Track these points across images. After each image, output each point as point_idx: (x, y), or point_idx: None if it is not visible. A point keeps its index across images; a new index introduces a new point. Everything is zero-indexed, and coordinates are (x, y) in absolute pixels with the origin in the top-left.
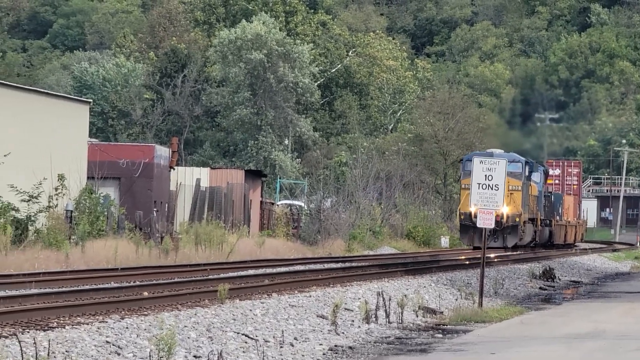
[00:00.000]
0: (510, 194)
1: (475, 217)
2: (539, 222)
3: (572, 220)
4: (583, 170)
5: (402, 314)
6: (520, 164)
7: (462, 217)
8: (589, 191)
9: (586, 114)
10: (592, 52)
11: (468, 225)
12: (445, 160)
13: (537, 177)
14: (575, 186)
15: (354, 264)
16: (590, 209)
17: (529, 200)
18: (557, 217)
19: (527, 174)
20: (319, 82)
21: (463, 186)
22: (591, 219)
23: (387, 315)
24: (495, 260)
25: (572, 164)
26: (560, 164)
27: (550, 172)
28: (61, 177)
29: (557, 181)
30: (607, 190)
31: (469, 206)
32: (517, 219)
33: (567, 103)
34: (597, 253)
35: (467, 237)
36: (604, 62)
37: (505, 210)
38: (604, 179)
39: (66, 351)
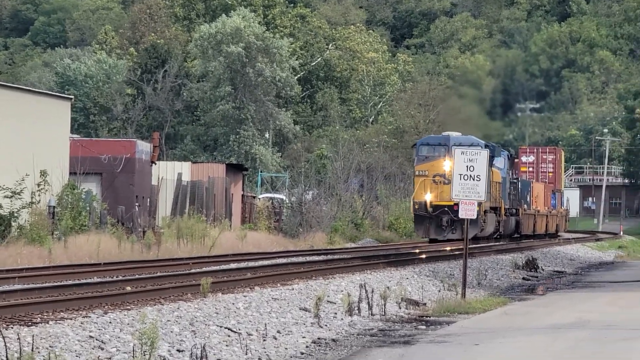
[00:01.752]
0: None
1: (431, 206)
2: (503, 212)
3: (543, 209)
4: (565, 160)
5: (384, 305)
6: (479, 147)
7: (416, 206)
8: (571, 180)
9: (567, 104)
10: (573, 41)
11: (423, 216)
12: None
13: (500, 162)
14: (550, 174)
15: (336, 257)
16: (572, 198)
17: (491, 188)
18: (525, 206)
19: None
20: (299, 75)
21: (417, 173)
22: (574, 209)
23: (370, 308)
24: (477, 251)
25: (547, 150)
26: (535, 150)
27: (524, 159)
28: (43, 173)
29: (531, 168)
30: (589, 180)
31: (424, 195)
32: (477, 208)
33: (548, 93)
34: (580, 243)
35: (422, 229)
36: (584, 52)
37: None
38: (586, 169)
39: (50, 346)
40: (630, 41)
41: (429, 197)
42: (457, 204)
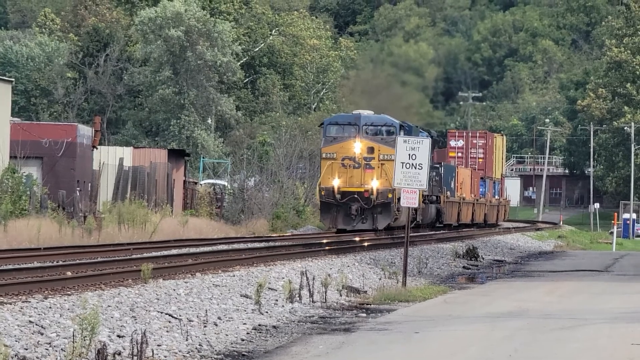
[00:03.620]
0: (381, 164)
1: (339, 192)
2: (420, 199)
3: (469, 197)
4: (507, 150)
5: (325, 293)
6: (393, 128)
7: (322, 192)
8: (512, 170)
9: (509, 93)
10: (516, 30)
11: (330, 204)
12: None
13: None
14: (481, 160)
15: (277, 244)
16: (513, 188)
17: None
18: (448, 193)
19: None
20: (242, 61)
21: (324, 155)
22: (514, 198)
23: (311, 295)
24: (418, 239)
25: (477, 134)
26: (464, 134)
27: (453, 143)
28: None
29: (460, 153)
30: (530, 170)
31: (331, 180)
32: (390, 195)
33: (491, 82)
34: (520, 232)
35: (329, 218)
36: (527, 41)
37: (375, 184)
38: (527, 158)
39: None
40: (573, 31)
41: (336, 183)
42: (367, 191)
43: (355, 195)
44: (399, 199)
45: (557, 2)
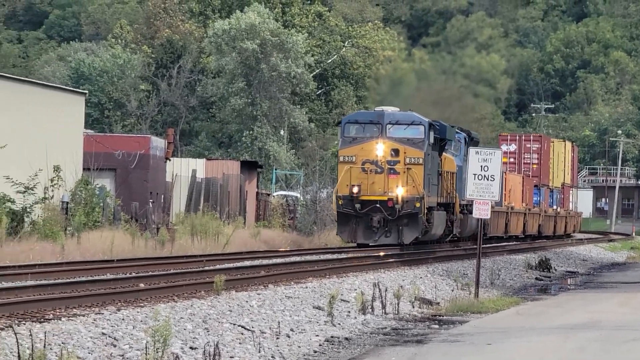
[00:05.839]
0: (407, 168)
1: (359, 201)
2: (457, 209)
3: (519, 206)
4: (579, 161)
5: (398, 304)
6: (421, 128)
7: (340, 201)
8: (584, 181)
9: (582, 104)
10: (588, 42)
11: (348, 215)
12: None
13: (455, 147)
14: (535, 165)
15: (350, 255)
16: (585, 199)
17: (441, 179)
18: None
19: (431, 140)
20: (314, 72)
21: (342, 158)
22: (587, 210)
23: (384, 306)
24: (490, 250)
25: (532, 137)
26: (517, 137)
27: (505, 147)
28: (57, 169)
29: (512, 159)
30: (602, 181)
31: (350, 187)
32: (417, 204)
33: (563, 93)
34: (592, 243)
35: (348, 231)
36: (599, 53)
37: (400, 192)
38: (599, 169)
39: (62, 343)
40: None
41: (356, 190)
42: (391, 200)
43: (378, 205)
44: (428, 209)
45: (631, 13)
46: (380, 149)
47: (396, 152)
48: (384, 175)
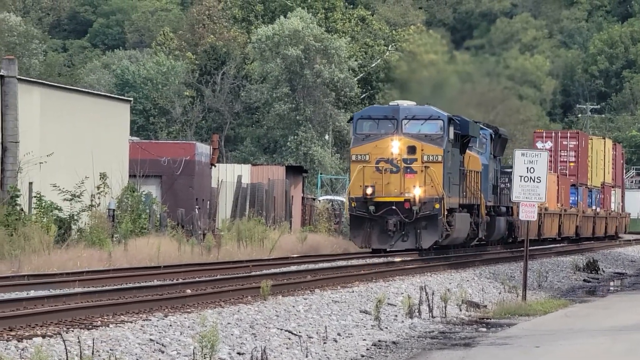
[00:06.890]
0: (425, 167)
1: (373, 203)
2: (483, 210)
3: (554, 206)
4: (626, 162)
5: (445, 308)
6: (440, 123)
7: (353, 204)
8: (632, 182)
9: (628, 105)
10: (633, 42)
11: (362, 218)
12: None
13: (479, 144)
14: (572, 164)
15: (396, 259)
16: (634, 200)
17: (464, 178)
18: None
19: (451, 137)
20: (358, 77)
21: (354, 157)
22: (635, 210)
23: (431, 310)
24: (538, 252)
25: (568, 134)
26: (553, 134)
27: (539, 145)
28: (103, 176)
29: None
30: None
31: (363, 187)
32: (437, 206)
33: (609, 94)
34: None
35: (361, 236)
36: None
37: (417, 192)
38: None
39: (110, 350)
40: None
41: (370, 191)
42: (408, 201)
43: (394, 207)
44: (449, 211)
45: None
46: (395, 147)
47: (413, 149)
48: (399, 174)
